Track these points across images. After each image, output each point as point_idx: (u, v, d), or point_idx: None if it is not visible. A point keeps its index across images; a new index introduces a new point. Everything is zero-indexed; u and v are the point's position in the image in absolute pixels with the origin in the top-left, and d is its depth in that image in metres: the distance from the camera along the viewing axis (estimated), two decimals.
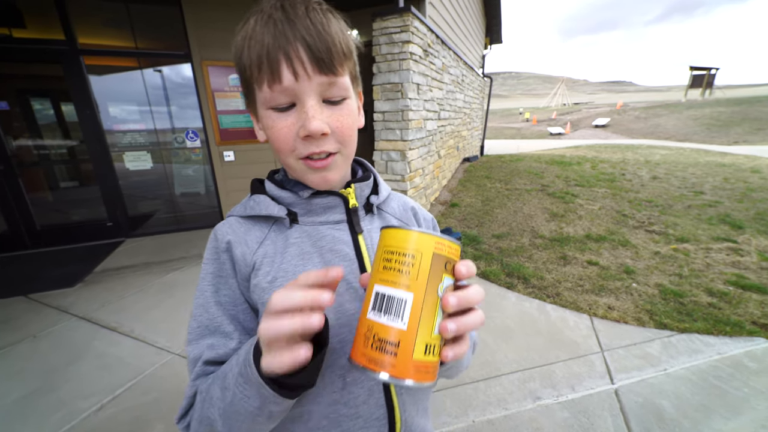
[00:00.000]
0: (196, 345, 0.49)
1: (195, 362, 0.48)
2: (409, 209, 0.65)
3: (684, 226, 4.06)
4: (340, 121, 0.47)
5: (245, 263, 0.51)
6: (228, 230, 0.53)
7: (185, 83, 3.98)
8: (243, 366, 0.38)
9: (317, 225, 0.54)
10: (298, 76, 0.42)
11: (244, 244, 0.52)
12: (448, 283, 0.34)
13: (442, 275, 0.34)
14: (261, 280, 0.50)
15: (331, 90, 0.45)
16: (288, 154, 0.47)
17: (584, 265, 3.17)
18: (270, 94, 0.44)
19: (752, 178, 6.51)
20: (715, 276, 2.93)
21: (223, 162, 4.13)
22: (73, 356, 2.15)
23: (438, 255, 0.33)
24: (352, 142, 0.50)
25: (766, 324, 2.29)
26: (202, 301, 0.51)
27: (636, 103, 29.63)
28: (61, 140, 4.01)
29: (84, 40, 3.59)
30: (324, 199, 0.53)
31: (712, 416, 1.64)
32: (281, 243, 0.52)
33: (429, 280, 0.33)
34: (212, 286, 0.51)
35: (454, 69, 5.49)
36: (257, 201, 0.54)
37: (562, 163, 8.34)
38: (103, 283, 3.06)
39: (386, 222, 0.60)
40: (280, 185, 0.55)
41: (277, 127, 0.45)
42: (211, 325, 0.49)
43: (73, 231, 4.02)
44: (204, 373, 0.47)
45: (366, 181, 0.58)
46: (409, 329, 0.32)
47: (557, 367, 1.99)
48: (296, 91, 0.43)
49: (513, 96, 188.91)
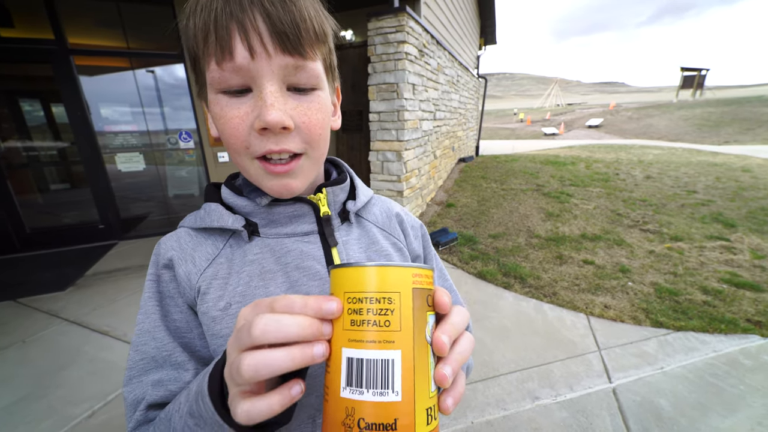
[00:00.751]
0: (138, 384, 0.40)
1: (135, 407, 0.39)
2: (393, 216, 0.56)
3: (678, 224, 4.10)
4: (307, 115, 0.38)
5: (189, 285, 0.42)
6: (173, 244, 0.45)
7: (178, 84, 3.94)
8: (194, 403, 0.30)
9: (282, 237, 0.45)
10: (255, 52, 0.34)
11: (190, 262, 0.43)
12: (432, 321, 0.28)
13: (426, 314, 0.27)
14: (211, 307, 0.41)
15: (298, 75, 0.37)
16: (240, 152, 0.38)
17: (580, 265, 3.18)
18: (219, 74, 0.35)
19: (743, 177, 6.60)
20: (710, 274, 2.95)
21: (218, 163, 4.10)
22: (63, 361, 2.10)
23: (418, 290, 0.27)
24: (323, 143, 0.42)
25: (760, 321, 2.30)
26: (147, 326, 0.42)
27: (628, 104, 29.97)
28: (51, 142, 3.94)
29: (74, 40, 3.53)
30: (288, 208, 0.45)
31: (709, 414, 1.64)
32: (238, 260, 0.43)
33: (415, 325, 0.26)
34: (159, 308, 0.43)
35: (449, 69, 5.50)
36: (208, 210, 0.45)
37: (557, 163, 8.39)
38: (95, 287, 3.00)
39: (366, 231, 0.51)
40: (238, 191, 0.47)
41: (228, 116, 0.36)
42: (158, 355, 0.40)
43: (64, 234, 3.95)
44: (146, 420, 0.38)
45: (341, 184, 0.49)
46: (404, 399, 0.24)
47: (555, 367, 1.98)
48: (252, 71, 0.35)
49: (507, 97, 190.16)
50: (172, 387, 0.39)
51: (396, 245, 0.53)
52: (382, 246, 0.51)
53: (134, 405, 0.39)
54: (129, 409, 0.39)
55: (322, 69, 0.40)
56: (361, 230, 0.51)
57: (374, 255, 0.50)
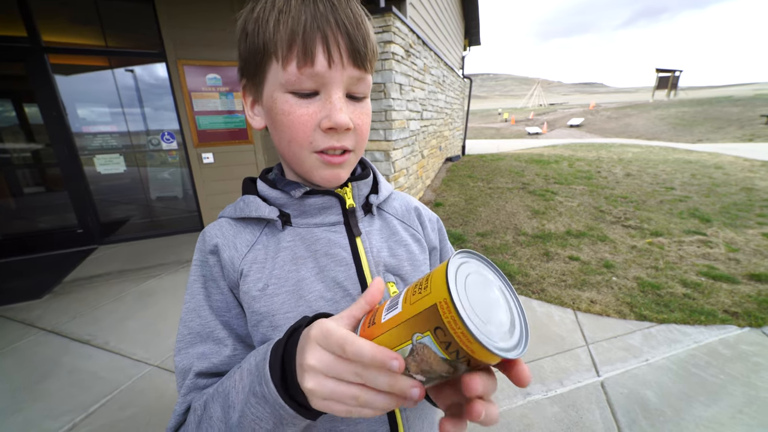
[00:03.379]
0: (186, 354, 0.45)
1: (185, 374, 0.44)
2: (412, 210, 0.61)
3: (657, 220, 4.23)
4: (361, 118, 0.45)
5: (233, 268, 0.48)
6: (217, 232, 0.50)
7: (159, 83, 3.83)
8: (256, 385, 0.34)
9: (312, 227, 0.50)
10: (333, 62, 0.40)
11: (232, 248, 0.49)
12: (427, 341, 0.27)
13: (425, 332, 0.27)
14: (251, 287, 0.46)
15: (358, 86, 0.44)
16: (303, 145, 0.44)
17: (566, 261, 3.25)
18: (296, 77, 0.40)
19: (716, 173, 6.88)
20: (688, 267, 3.06)
21: (202, 164, 4.00)
22: (41, 373, 2.01)
23: (433, 309, 0.26)
24: (365, 143, 0.49)
25: (736, 312, 2.40)
26: (193, 305, 0.48)
27: (608, 104, 30.85)
28: (24, 143, 3.77)
29: (48, 38, 3.39)
30: (318, 199, 0.50)
31: (693, 404, 1.70)
32: (273, 247, 0.49)
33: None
34: (204, 289, 0.48)
35: (435, 70, 5.53)
36: (247, 202, 0.51)
37: (541, 162, 8.56)
38: (74, 294, 2.89)
39: (387, 223, 0.56)
40: (272, 185, 0.52)
41: (296, 113, 0.42)
42: (203, 331, 0.46)
43: (40, 239, 3.78)
44: (196, 387, 0.44)
45: (365, 179, 0.54)
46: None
47: (545, 362, 2.02)
48: (325, 78, 0.41)
49: (492, 97, 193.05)
50: (214, 360, 0.45)
51: (415, 236, 0.58)
52: (402, 236, 0.56)
53: (184, 372, 0.45)
54: (179, 375, 0.45)
55: (371, 82, 0.47)
56: (383, 222, 0.56)
57: (394, 245, 0.54)
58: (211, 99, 3.87)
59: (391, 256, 0.53)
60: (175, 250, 3.70)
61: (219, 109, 3.93)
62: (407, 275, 0.53)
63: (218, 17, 3.68)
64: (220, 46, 3.75)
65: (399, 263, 0.53)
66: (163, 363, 2.08)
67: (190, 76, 3.73)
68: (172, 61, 3.64)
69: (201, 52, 3.71)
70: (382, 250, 0.53)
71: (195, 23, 3.62)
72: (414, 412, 0.51)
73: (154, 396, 1.84)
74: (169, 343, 2.25)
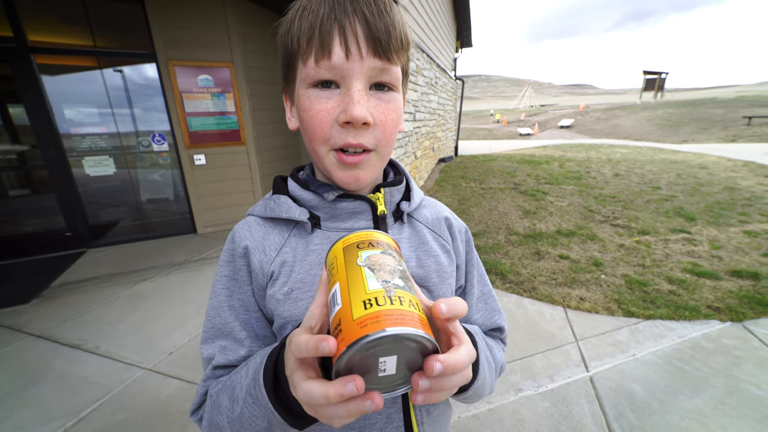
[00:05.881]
0: (210, 345, 0.49)
1: (208, 362, 0.48)
2: (442, 219, 0.58)
3: (644, 219, 4.33)
4: (384, 114, 0.42)
5: (262, 273, 0.49)
6: (246, 234, 0.50)
7: (150, 84, 3.79)
8: (252, 387, 0.37)
9: (341, 231, 0.49)
10: (350, 54, 0.38)
11: (261, 252, 0.49)
12: (368, 254, 0.33)
13: (357, 252, 0.34)
14: (277, 291, 0.47)
15: (382, 77, 0.41)
16: (321, 143, 0.43)
17: (557, 260, 3.31)
18: (315, 70, 0.40)
19: (701, 173, 7.06)
20: (674, 265, 3.15)
21: (194, 166, 3.97)
22: (30, 379, 1.98)
23: (347, 246, 0.35)
24: (392, 142, 0.46)
25: (719, 307, 2.48)
26: (215, 303, 0.50)
27: (597, 105, 31.34)
28: (9, 145, 3.69)
29: (35, 38, 3.33)
30: (350, 204, 0.49)
31: (678, 396, 1.75)
32: (301, 249, 0.49)
33: (347, 265, 0.33)
34: (226, 289, 0.50)
35: (428, 71, 5.58)
36: (278, 202, 0.50)
37: (532, 162, 8.67)
38: (63, 298, 2.84)
39: (417, 231, 0.55)
40: (304, 185, 0.51)
41: (315, 108, 0.41)
42: (224, 328, 0.49)
43: (27, 243, 3.71)
44: (214, 376, 0.48)
45: (397, 185, 0.52)
46: (344, 305, 0.31)
47: (536, 359, 2.06)
48: (344, 71, 0.39)
49: (484, 98, 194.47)
50: (231, 357, 0.47)
51: (444, 247, 0.56)
52: (431, 246, 0.54)
53: (207, 360, 0.48)
54: (204, 361, 0.49)
55: (401, 74, 0.44)
56: (412, 230, 0.54)
57: (423, 255, 0.53)
58: (203, 100, 3.84)
59: (419, 267, 0.51)
60: (166, 253, 3.67)
61: (211, 110, 3.91)
62: (434, 287, 0.52)
63: (209, 18, 3.66)
64: (211, 47, 3.73)
65: (426, 274, 0.51)
66: (155, 366, 2.06)
67: (181, 77, 3.70)
68: (163, 61, 3.61)
69: (192, 53, 3.68)
70: (410, 260, 0.51)
71: (186, 24, 3.59)
72: (429, 419, 0.50)
73: (147, 399, 1.83)
74: (162, 346, 2.24)
